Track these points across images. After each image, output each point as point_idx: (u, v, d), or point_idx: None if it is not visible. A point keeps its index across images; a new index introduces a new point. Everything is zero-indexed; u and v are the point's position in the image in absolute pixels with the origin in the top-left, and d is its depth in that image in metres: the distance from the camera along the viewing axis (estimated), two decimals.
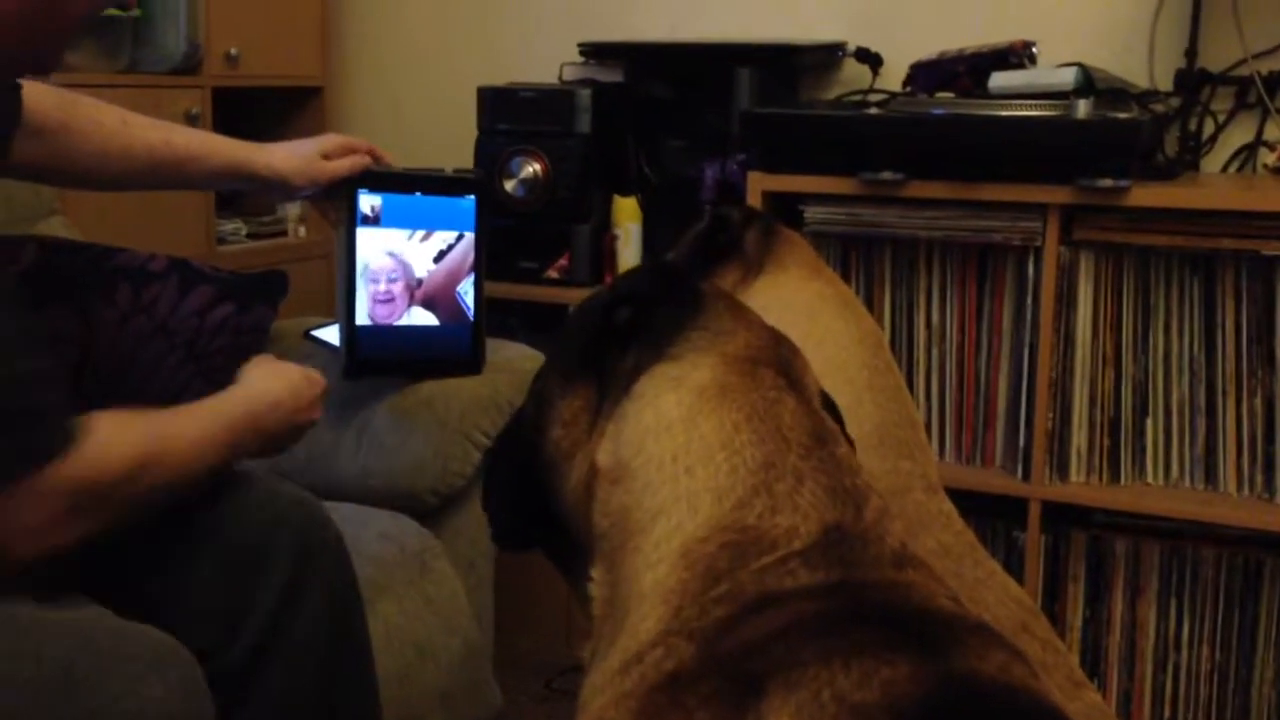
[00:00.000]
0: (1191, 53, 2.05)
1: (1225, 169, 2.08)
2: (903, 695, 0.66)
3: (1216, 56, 2.06)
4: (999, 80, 1.78)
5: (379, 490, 1.62)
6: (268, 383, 1.25)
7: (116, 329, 1.76)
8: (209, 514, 1.17)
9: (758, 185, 1.91)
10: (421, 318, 1.57)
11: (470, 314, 1.61)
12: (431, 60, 2.69)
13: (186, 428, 1.13)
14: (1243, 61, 2.04)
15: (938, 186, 1.79)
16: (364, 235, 1.52)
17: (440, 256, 1.59)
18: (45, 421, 1.00)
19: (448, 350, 1.61)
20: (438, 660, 1.50)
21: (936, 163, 1.78)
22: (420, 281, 1.57)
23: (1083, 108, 1.68)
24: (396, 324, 1.56)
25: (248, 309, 1.83)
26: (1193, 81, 2.05)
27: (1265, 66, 2.02)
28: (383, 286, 1.56)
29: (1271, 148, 2.01)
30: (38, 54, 1.07)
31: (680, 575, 0.76)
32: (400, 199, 1.54)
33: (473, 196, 1.58)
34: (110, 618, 0.99)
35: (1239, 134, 2.08)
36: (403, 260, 1.55)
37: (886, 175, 1.79)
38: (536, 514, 0.94)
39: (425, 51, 2.69)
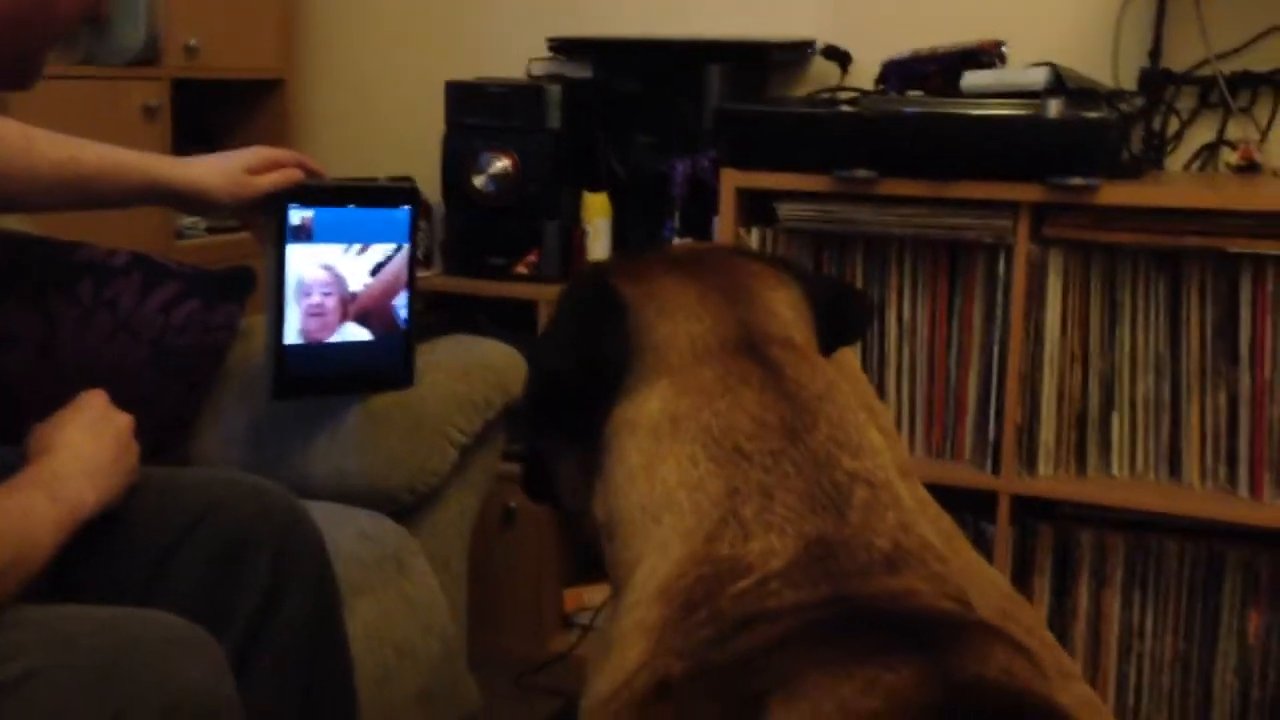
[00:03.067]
0: (1155, 53, 2.08)
1: (1187, 167, 2.12)
2: (907, 702, 0.66)
3: (1180, 56, 2.09)
4: (971, 79, 1.80)
5: (353, 489, 1.60)
6: (54, 436, 1.10)
7: (78, 325, 1.73)
8: (193, 506, 1.15)
9: (731, 182, 1.91)
10: (354, 333, 1.54)
11: (404, 326, 1.58)
12: (396, 53, 2.66)
13: (29, 503, 0.99)
14: (1205, 61, 2.07)
15: (911, 184, 1.81)
16: (295, 251, 1.48)
17: (377, 269, 1.56)
18: None
19: (379, 365, 1.58)
20: (417, 660, 1.50)
21: (910, 161, 1.79)
22: (355, 295, 1.54)
23: (1054, 107, 1.70)
24: (328, 341, 1.53)
25: (214, 306, 1.80)
26: (1157, 81, 2.08)
27: (1228, 67, 2.06)
28: (315, 299, 1.52)
29: (1234, 147, 2.05)
30: (18, 65, 1.02)
31: (659, 611, 0.76)
32: (333, 212, 1.50)
33: (407, 207, 1.55)
34: (133, 609, 0.97)
35: (1201, 133, 2.11)
36: (337, 273, 1.52)
37: (861, 173, 1.80)
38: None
39: (390, 44, 2.67)
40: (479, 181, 2.17)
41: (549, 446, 0.93)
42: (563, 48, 2.27)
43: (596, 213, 2.22)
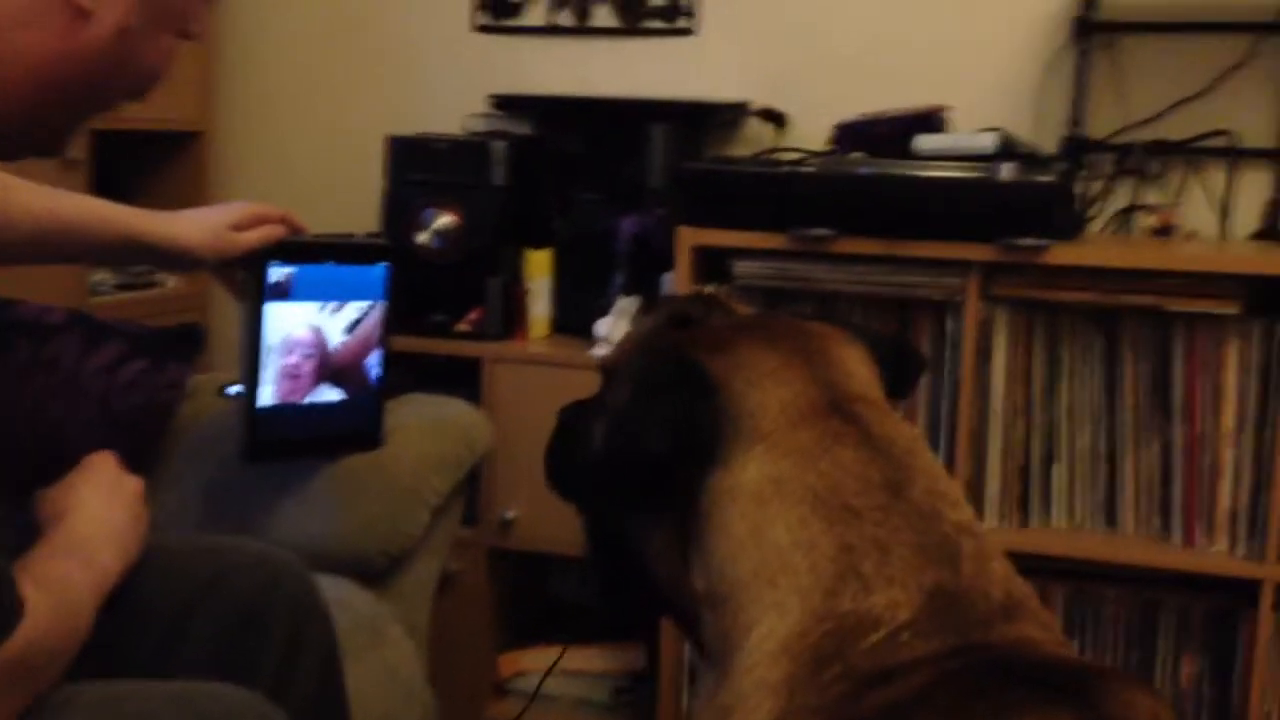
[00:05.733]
0: (1076, 121, 2.19)
1: (1105, 230, 2.22)
2: None
3: (1098, 125, 2.20)
4: (923, 142, 1.86)
5: (321, 553, 1.54)
6: (69, 499, 1.07)
7: (16, 387, 1.64)
8: (202, 574, 1.10)
9: (687, 239, 1.92)
10: (328, 393, 1.51)
11: (375, 386, 1.55)
12: (321, 108, 2.62)
13: (66, 572, 0.94)
14: (1123, 130, 2.18)
15: (866, 243, 1.85)
16: (273, 309, 1.44)
17: (353, 327, 1.53)
18: None
19: (351, 425, 1.54)
20: None
21: (866, 220, 1.83)
22: (330, 355, 1.50)
23: (1007, 170, 1.77)
24: (302, 402, 1.48)
25: (162, 365, 1.73)
26: (1077, 148, 2.19)
27: (1143, 136, 2.17)
28: (294, 360, 1.48)
29: (1150, 211, 2.16)
30: (57, 133, 0.97)
31: (785, 669, 0.75)
32: (312, 270, 1.46)
33: (384, 264, 1.53)
34: (193, 683, 0.90)
35: (1117, 199, 2.22)
36: (319, 333, 1.49)
37: (818, 231, 1.84)
38: (661, 609, 0.92)
39: (313, 99, 2.62)
40: (423, 237, 2.14)
41: (632, 526, 0.91)
42: (505, 104, 2.27)
43: (539, 270, 2.21)
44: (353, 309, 1.51)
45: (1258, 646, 1.81)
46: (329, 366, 1.51)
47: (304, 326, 1.47)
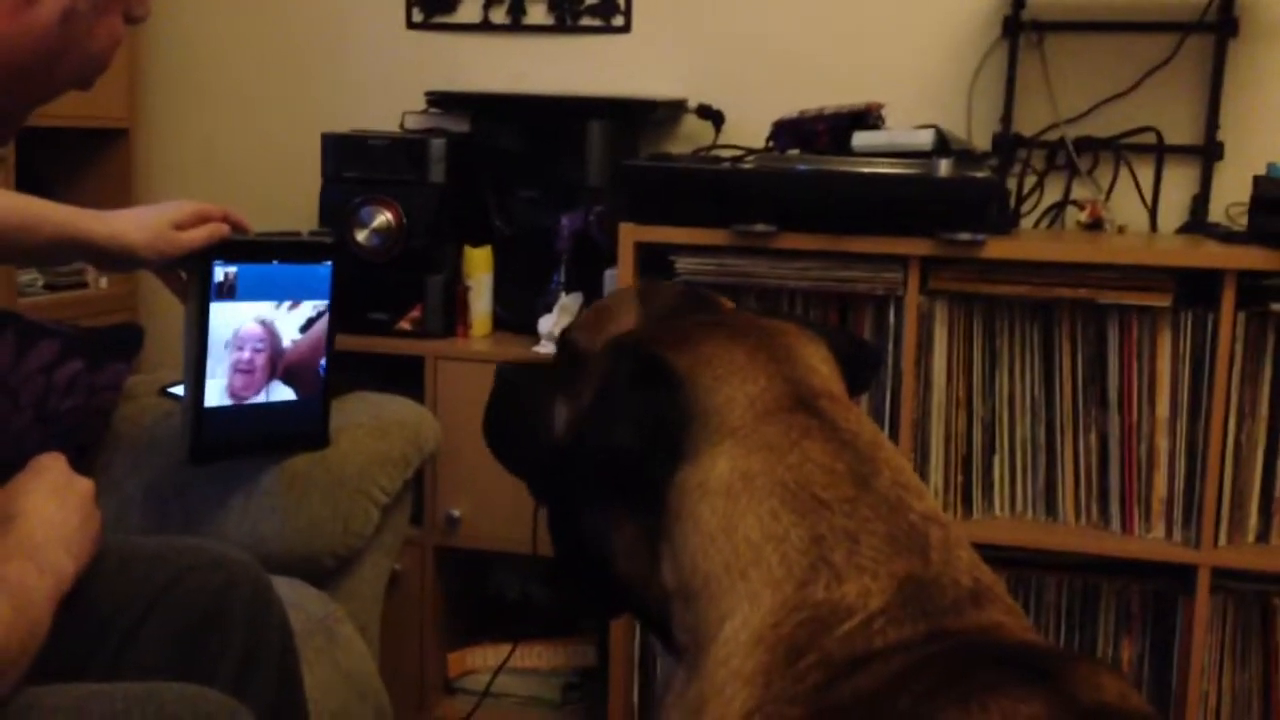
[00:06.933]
0: (1007, 119, 2.22)
1: (1037, 225, 2.27)
2: None
3: (1028, 122, 2.24)
4: (862, 139, 1.88)
5: (271, 555, 1.52)
6: (19, 503, 1.03)
7: None
8: (158, 576, 1.08)
9: (630, 236, 1.93)
10: (280, 392, 1.49)
11: (321, 385, 1.54)
12: (253, 105, 2.57)
13: (23, 576, 0.92)
14: (1053, 126, 2.23)
15: (807, 239, 1.87)
16: (217, 309, 1.42)
17: (307, 326, 1.52)
18: None
19: (298, 425, 1.53)
20: None
21: (807, 216, 1.85)
22: (283, 353, 1.49)
23: (944, 167, 1.79)
24: (250, 402, 1.47)
25: (100, 365, 1.69)
26: (1009, 145, 2.23)
27: (1073, 132, 2.22)
28: (246, 355, 1.46)
29: (1080, 206, 2.21)
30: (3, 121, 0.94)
31: (759, 659, 0.75)
32: (256, 269, 1.45)
33: (329, 262, 1.51)
34: (161, 684, 0.88)
35: (1050, 194, 2.26)
36: (270, 327, 1.47)
37: (760, 227, 1.85)
38: (625, 604, 0.92)
39: (246, 96, 2.58)
40: (361, 236, 2.12)
41: (598, 521, 0.91)
42: (441, 102, 2.25)
43: (479, 267, 2.19)
44: (307, 307, 1.50)
45: (1195, 629, 1.86)
46: (282, 364, 1.49)
47: (253, 321, 1.45)
